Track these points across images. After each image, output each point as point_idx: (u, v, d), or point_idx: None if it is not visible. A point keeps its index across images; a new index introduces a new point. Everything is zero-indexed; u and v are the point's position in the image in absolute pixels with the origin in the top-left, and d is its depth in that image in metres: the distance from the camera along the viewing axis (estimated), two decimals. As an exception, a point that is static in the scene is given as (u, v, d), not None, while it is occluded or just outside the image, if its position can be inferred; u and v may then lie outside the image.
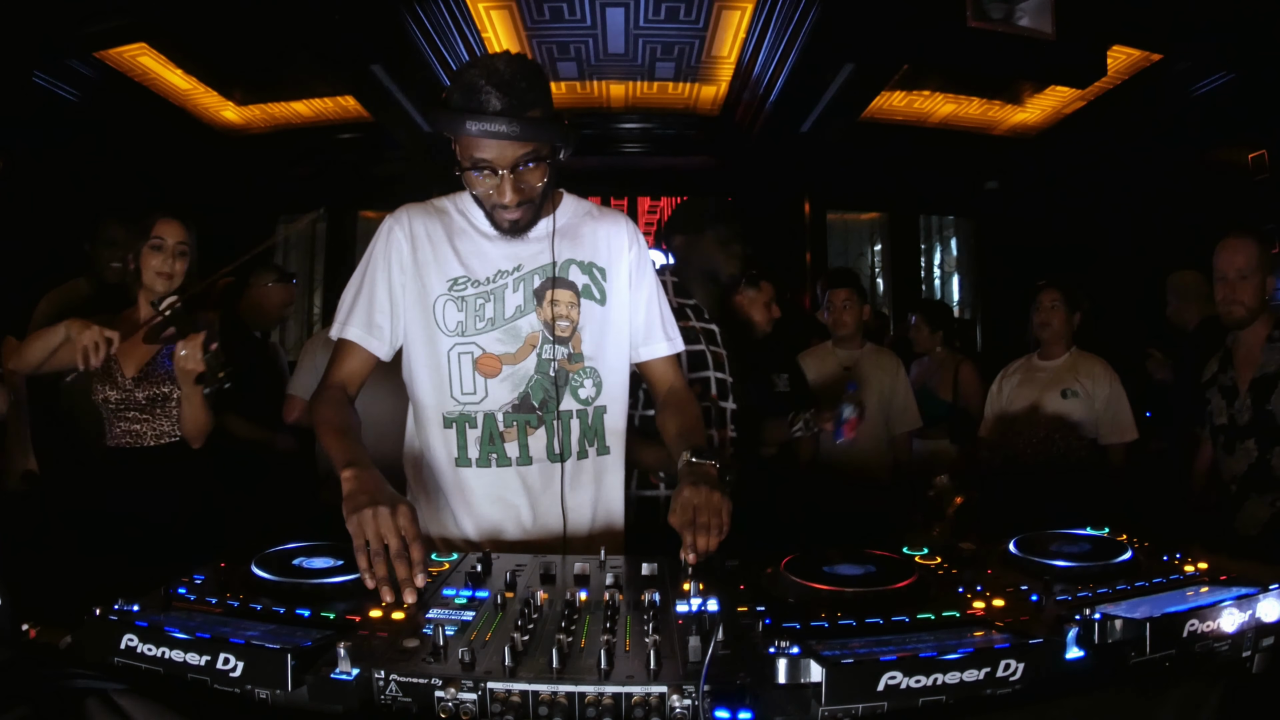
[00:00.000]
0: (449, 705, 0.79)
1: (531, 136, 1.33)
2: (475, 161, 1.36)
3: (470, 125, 1.30)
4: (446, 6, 4.63)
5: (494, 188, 1.37)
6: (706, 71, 5.72)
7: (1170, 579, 1.06)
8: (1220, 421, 2.37)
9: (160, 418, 2.25)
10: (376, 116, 5.62)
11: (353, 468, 1.22)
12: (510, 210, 1.41)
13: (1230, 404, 2.33)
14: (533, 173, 1.38)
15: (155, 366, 2.24)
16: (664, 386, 1.62)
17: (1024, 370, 3.19)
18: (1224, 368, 2.40)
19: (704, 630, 0.88)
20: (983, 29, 3.65)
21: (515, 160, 1.35)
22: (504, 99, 1.30)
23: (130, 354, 2.23)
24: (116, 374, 2.22)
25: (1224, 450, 2.34)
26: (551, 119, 1.38)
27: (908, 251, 7.49)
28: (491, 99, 1.30)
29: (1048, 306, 3.08)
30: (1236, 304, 2.29)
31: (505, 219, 1.43)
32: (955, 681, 0.79)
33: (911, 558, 1.20)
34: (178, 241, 2.22)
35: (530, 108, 1.33)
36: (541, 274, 1.50)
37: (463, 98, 1.32)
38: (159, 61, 4.91)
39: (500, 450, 1.48)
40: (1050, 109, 5.78)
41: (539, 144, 1.35)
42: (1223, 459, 2.35)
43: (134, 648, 0.86)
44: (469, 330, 1.47)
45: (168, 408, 2.24)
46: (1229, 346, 2.40)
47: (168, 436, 2.25)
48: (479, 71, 1.32)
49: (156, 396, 2.23)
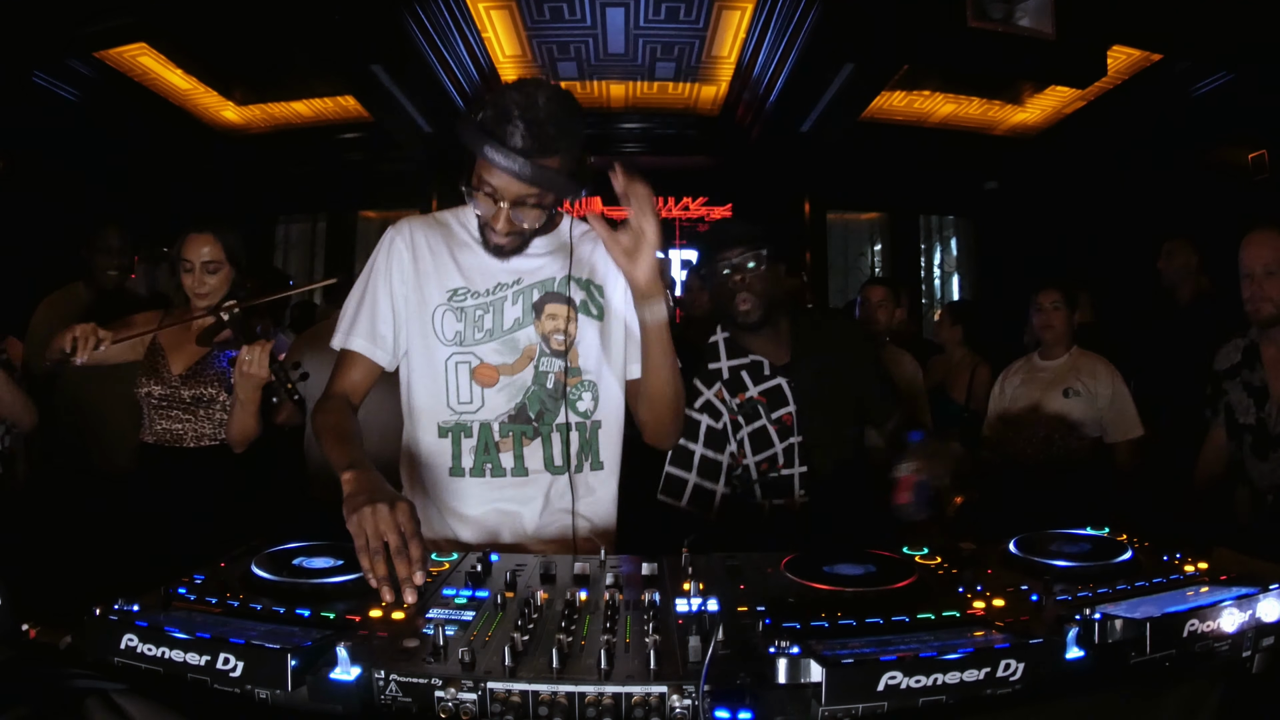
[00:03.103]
0: (449, 705, 0.79)
1: (539, 184, 1.33)
2: (481, 182, 1.37)
3: (487, 150, 1.30)
4: (446, 6, 4.64)
5: (491, 213, 1.39)
6: (706, 71, 5.73)
7: (1170, 579, 1.06)
8: (1246, 420, 2.27)
9: (202, 419, 2.25)
10: (376, 116, 5.63)
11: (352, 470, 1.22)
12: (499, 236, 1.43)
13: (1260, 407, 2.23)
14: (530, 212, 1.39)
15: (204, 367, 2.24)
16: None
17: (1025, 370, 3.19)
18: (1249, 363, 2.28)
19: (704, 630, 0.88)
20: (983, 29, 3.65)
21: (518, 196, 1.36)
22: (527, 138, 1.29)
23: (180, 352, 2.24)
24: (163, 370, 2.23)
25: (1252, 453, 2.25)
26: (571, 169, 1.37)
27: (908, 251, 7.50)
28: (516, 135, 1.29)
29: (1049, 307, 3.08)
30: (1266, 300, 2.17)
31: (492, 240, 1.45)
32: (955, 681, 0.79)
33: (911, 558, 1.20)
34: (205, 261, 2.21)
35: (550, 154, 1.32)
36: (540, 288, 1.51)
37: (491, 120, 1.31)
38: (159, 61, 4.92)
39: (495, 460, 1.49)
40: (1050, 109, 5.79)
41: (544, 191, 1.36)
42: (1250, 460, 2.26)
43: (134, 648, 0.86)
44: (467, 340, 1.48)
45: (211, 410, 2.24)
46: (1255, 341, 2.29)
47: (208, 439, 2.25)
48: (518, 98, 1.31)
49: (201, 397, 2.23)
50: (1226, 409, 2.35)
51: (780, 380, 1.95)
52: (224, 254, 2.24)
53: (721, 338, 2.02)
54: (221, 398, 2.25)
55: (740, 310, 1.91)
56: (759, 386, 1.95)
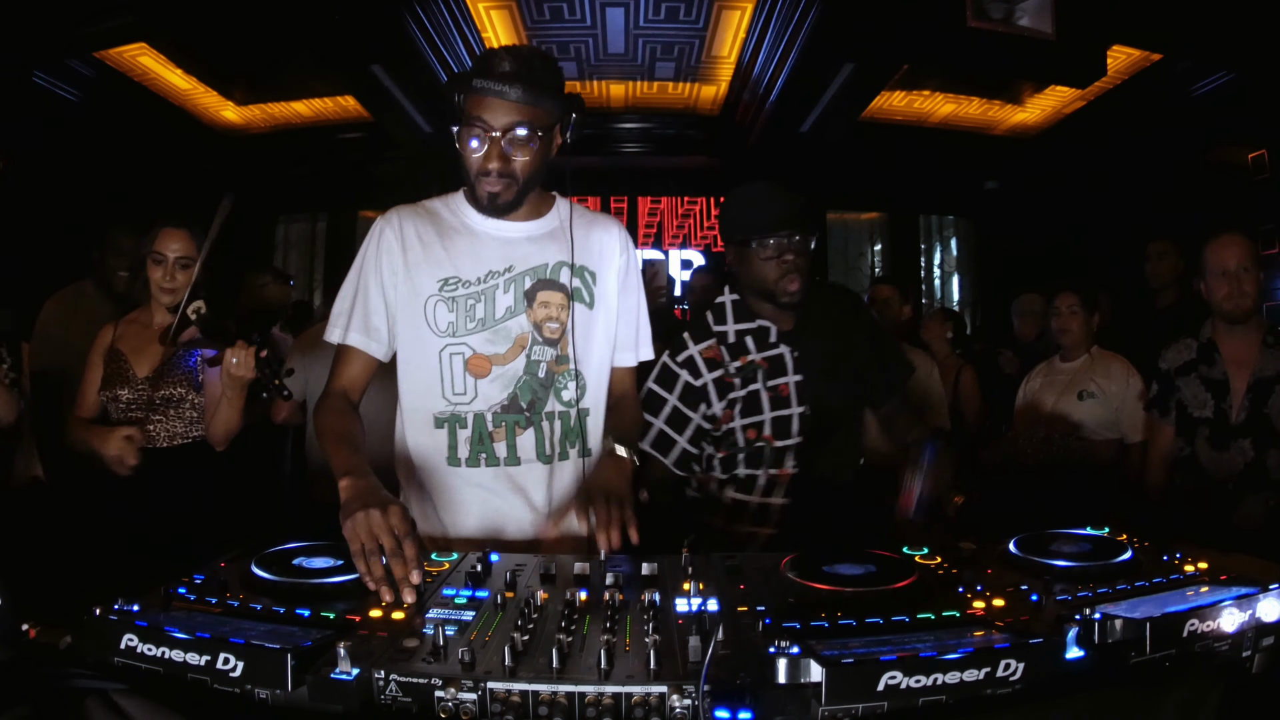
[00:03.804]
0: (449, 705, 0.79)
1: (526, 100, 1.38)
2: (471, 120, 1.40)
3: (475, 81, 1.38)
4: (446, 6, 4.63)
5: (483, 150, 1.41)
6: (706, 71, 5.72)
7: (1170, 579, 1.06)
8: (1201, 414, 2.39)
9: (174, 419, 2.24)
10: (376, 116, 5.63)
11: (349, 476, 1.24)
12: (491, 180, 1.42)
13: (1219, 400, 2.36)
14: (522, 145, 1.41)
15: (170, 367, 2.23)
16: (618, 392, 1.65)
17: (1045, 373, 3.19)
18: (1206, 359, 2.41)
19: (704, 630, 0.88)
20: (983, 29, 3.65)
21: (508, 124, 1.38)
22: (513, 64, 1.38)
23: (143, 355, 2.23)
24: (128, 373, 2.22)
25: (1208, 444, 2.37)
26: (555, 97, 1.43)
27: (908, 251, 7.49)
28: (503, 63, 1.38)
29: (1066, 311, 3.06)
30: (1245, 296, 2.32)
31: (485, 190, 1.44)
32: (955, 681, 0.79)
33: (911, 558, 1.20)
34: (178, 256, 2.20)
35: (535, 82, 1.39)
36: (532, 275, 1.51)
37: (478, 62, 1.42)
38: (159, 61, 4.92)
39: (490, 450, 1.49)
40: (1050, 109, 5.78)
41: (534, 114, 1.39)
42: (1207, 453, 2.38)
43: (134, 648, 0.86)
44: (459, 331, 1.48)
45: (181, 409, 2.24)
46: (1211, 338, 2.42)
47: (180, 438, 2.25)
48: (502, 48, 1.42)
49: (170, 397, 2.22)
50: (1178, 405, 2.47)
51: (783, 349, 1.90)
52: (196, 251, 2.21)
53: (730, 299, 1.96)
54: (190, 396, 2.23)
55: (789, 290, 1.84)
56: (762, 352, 1.91)
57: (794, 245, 1.83)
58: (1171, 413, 2.49)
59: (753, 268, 1.87)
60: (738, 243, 1.90)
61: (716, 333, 1.92)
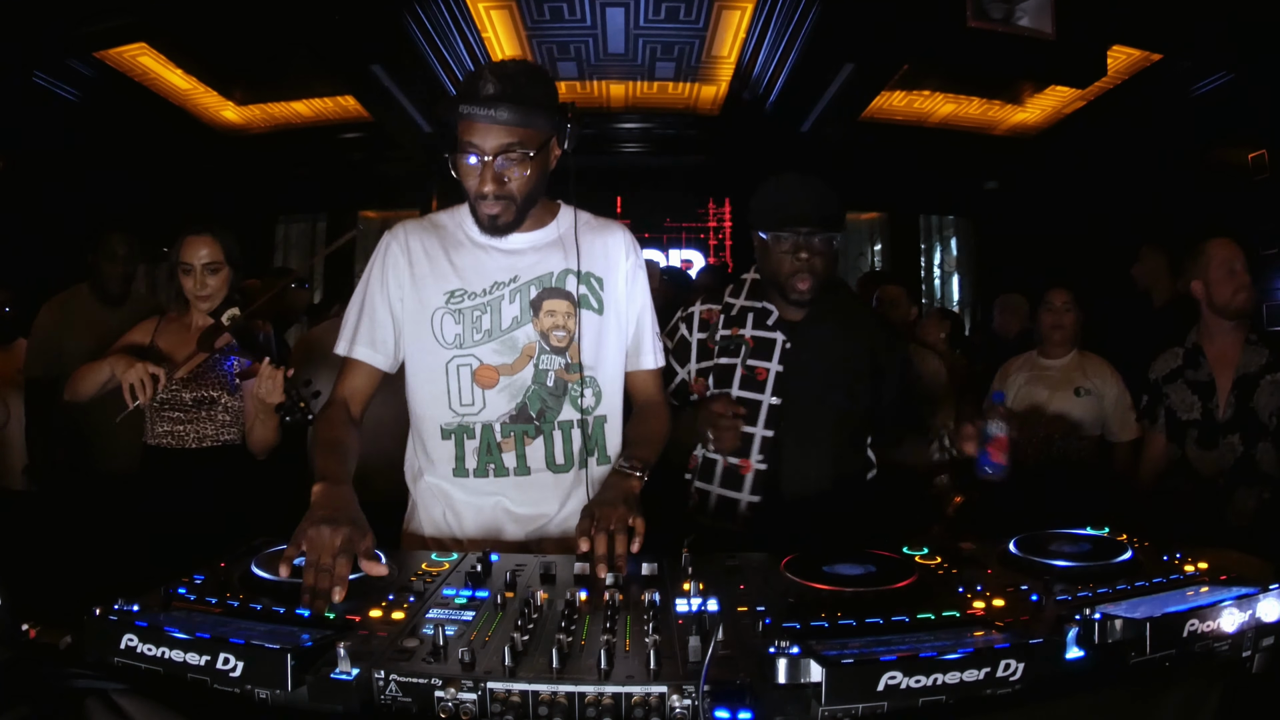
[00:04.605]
0: (449, 705, 0.79)
1: (515, 123, 1.36)
2: (463, 145, 1.39)
3: (462, 107, 1.36)
4: (446, 6, 4.63)
5: (477, 174, 1.40)
6: (706, 71, 5.72)
7: (1170, 579, 1.06)
8: (1190, 417, 2.45)
9: (204, 421, 2.25)
10: (376, 116, 5.63)
11: (323, 483, 1.26)
12: (489, 203, 1.42)
13: (1206, 400, 2.42)
14: (515, 165, 1.40)
15: (206, 370, 2.25)
16: (643, 398, 1.64)
17: (1029, 368, 3.16)
18: (1192, 364, 2.48)
19: (704, 630, 0.88)
20: (983, 29, 3.65)
21: (498, 147, 1.37)
22: (498, 85, 1.36)
23: (180, 355, 2.24)
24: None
25: (1197, 445, 2.43)
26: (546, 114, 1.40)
27: (908, 251, 7.49)
28: (488, 85, 1.36)
29: (1060, 307, 3.06)
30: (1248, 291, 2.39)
31: (484, 212, 1.44)
32: (955, 681, 0.79)
33: (911, 558, 1.20)
34: (206, 262, 2.22)
35: (522, 99, 1.36)
36: (538, 284, 1.51)
37: (464, 85, 1.39)
38: (159, 61, 4.91)
39: (499, 461, 1.49)
40: (1050, 109, 5.78)
41: (525, 134, 1.37)
42: (1196, 454, 2.43)
43: (134, 648, 0.86)
44: (466, 342, 1.48)
45: (213, 411, 2.25)
46: (1197, 344, 2.48)
47: (211, 440, 2.26)
48: (487, 67, 1.40)
49: (203, 399, 2.24)
50: (1167, 412, 2.54)
51: (777, 335, 1.85)
52: (223, 254, 2.24)
53: (752, 277, 1.94)
54: (224, 400, 2.26)
55: (798, 288, 1.78)
56: (755, 331, 1.86)
57: (810, 243, 1.77)
58: (1160, 419, 2.55)
59: (769, 258, 1.83)
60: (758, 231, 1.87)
61: (726, 302, 1.93)
